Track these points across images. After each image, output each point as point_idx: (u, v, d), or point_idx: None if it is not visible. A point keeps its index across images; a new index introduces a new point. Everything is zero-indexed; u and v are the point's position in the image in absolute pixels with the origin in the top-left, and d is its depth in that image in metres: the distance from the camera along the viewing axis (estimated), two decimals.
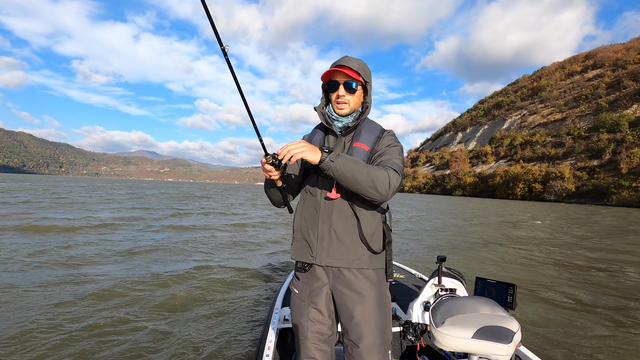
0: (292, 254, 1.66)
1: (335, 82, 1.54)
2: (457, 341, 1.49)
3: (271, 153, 1.40)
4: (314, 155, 1.30)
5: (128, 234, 9.64)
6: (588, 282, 6.62)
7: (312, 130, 1.76)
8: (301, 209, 1.64)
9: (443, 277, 2.46)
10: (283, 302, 2.83)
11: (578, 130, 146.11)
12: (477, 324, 1.51)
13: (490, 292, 2.17)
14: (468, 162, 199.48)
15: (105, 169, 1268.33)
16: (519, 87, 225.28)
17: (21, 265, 5.85)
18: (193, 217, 15.17)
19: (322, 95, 1.65)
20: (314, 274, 1.57)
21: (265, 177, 1.52)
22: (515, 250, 10.14)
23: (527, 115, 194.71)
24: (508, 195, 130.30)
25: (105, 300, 4.39)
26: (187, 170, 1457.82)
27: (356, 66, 1.51)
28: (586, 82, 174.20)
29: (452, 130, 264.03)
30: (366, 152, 1.52)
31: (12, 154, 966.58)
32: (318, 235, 1.53)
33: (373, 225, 1.53)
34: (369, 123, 1.62)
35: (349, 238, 1.50)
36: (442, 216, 22.72)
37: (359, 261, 1.50)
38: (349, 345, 1.52)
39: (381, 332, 1.50)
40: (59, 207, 16.39)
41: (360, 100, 1.59)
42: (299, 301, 1.61)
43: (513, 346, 1.43)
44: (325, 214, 1.52)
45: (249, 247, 8.46)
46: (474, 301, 1.73)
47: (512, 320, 1.55)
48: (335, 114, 1.59)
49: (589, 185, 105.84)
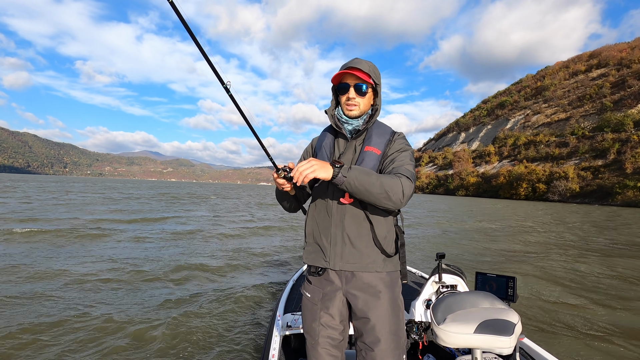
0: (304, 258, 1.64)
1: (346, 85, 1.53)
2: (459, 337, 1.49)
3: (282, 167, 1.40)
4: (325, 172, 1.29)
5: (119, 243, 9.73)
6: (588, 273, 6.66)
7: (321, 133, 1.75)
8: (313, 213, 1.62)
9: (443, 274, 2.46)
10: (285, 308, 2.81)
11: (582, 130, 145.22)
12: (478, 319, 1.52)
13: (490, 286, 2.18)
14: (471, 162, 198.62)
15: (109, 169, 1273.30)
16: (523, 86, 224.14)
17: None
18: (192, 220, 15.26)
19: (332, 98, 1.64)
20: (327, 278, 1.55)
21: (277, 186, 1.51)
22: (514, 243, 10.16)
23: (530, 115, 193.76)
24: (512, 195, 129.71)
25: (103, 316, 4.37)
26: (190, 171, 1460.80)
27: (367, 68, 1.50)
28: (590, 81, 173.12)
29: (455, 130, 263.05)
30: (378, 156, 1.51)
31: (16, 154, 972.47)
32: (331, 240, 1.52)
33: (386, 228, 1.52)
34: (379, 125, 1.61)
35: (363, 242, 1.49)
36: (443, 217, 22.70)
37: (373, 265, 1.49)
38: (362, 349, 1.50)
39: (395, 335, 1.49)
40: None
41: (370, 103, 1.59)
42: (311, 305, 1.59)
43: (515, 338, 1.44)
44: (338, 218, 1.51)
45: (248, 252, 8.40)
46: (474, 296, 1.74)
47: (511, 312, 1.57)
48: (345, 117, 1.58)
49: (594, 185, 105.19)
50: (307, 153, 1.76)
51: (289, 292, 3.20)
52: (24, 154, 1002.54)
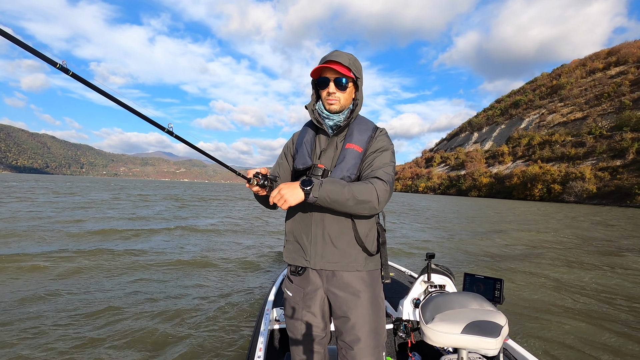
0: (285, 256, 1.63)
1: (326, 79, 1.49)
2: (446, 337, 1.50)
3: (254, 174, 1.39)
4: (296, 197, 1.28)
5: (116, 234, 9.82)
6: (575, 276, 6.47)
7: (302, 129, 1.70)
8: (293, 211, 1.59)
9: (432, 274, 2.48)
10: (274, 303, 2.82)
11: (600, 129, 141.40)
12: (465, 319, 1.53)
13: (478, 288, 2.20)
14: (484, 163, 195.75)
15: (124, 169, 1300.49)
16: (537, 85, 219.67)
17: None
18: (189, 218, 15.37)
19: (312, 92, 1.60)
20: (308, 277, 1.54)
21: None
22: (503, 245, 9.96)
23: (545, 114, 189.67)
24: (526, 196, 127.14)
25: (91, 302, 4.41)
26: (203, 171, 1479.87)
27: (347, 61, 1.45)
28: (608, 79, 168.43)
29: (468, 130, 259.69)
30: (359, 153, 1.49)
31: (36, 155, 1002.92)
32: (311, 239, 1.50)
33: (367, 226, 1.50)
34: (361, 121, 1.58)
35: (344, 241, 1.48)
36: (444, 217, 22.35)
37: (354, 263, 1.48)
38: (343, 347, 1.51)
39: (375, 334, 1.49)
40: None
41: (351, 97, 1.54)
42: (293, 304, 1.59)
43: (501, 340, 1.45)
44: (318, 217, 1.49)
45: (236, 247, 8.41)
46: (463, 297, 1.75)
47: (499, 314, 1.58)
48: (326, 112, 1.54)
49: (612, 186, 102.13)
50: (287, 149, 1.71)
51: (277, 287, 3.19)
52: (43, 154, 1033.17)
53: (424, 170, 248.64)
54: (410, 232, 12.94)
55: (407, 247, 9.42)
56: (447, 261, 7.73)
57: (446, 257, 8.24)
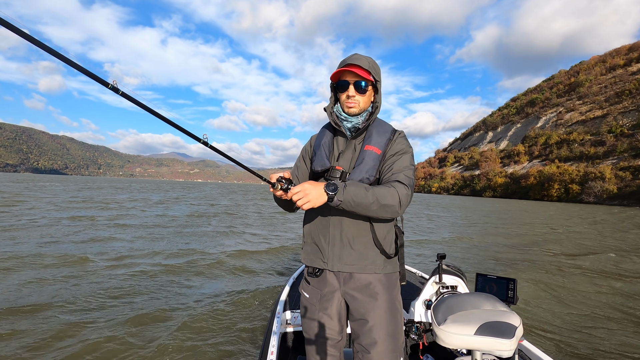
0: (302, 258, 1.63)
1: (345, 82, 1.49)
2: (459, 338, 1.49)
3: (277, 178, 1.39)
4: (320, 200, 1.28)
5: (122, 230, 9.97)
6: (589, 275, 6.28)
7: (320, 131, 1.69)
8: (311, 213, 1.59)
9: (444, 275, 2.45)
10: (285, 306, 2.82)
11: (621, 127, 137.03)
12: (478, 320, 1.52)
13: (491, 288, 2.16)
14: (499, 162, 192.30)
15: (140, 170, 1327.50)
16: (555, 83, 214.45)
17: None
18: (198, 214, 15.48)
19: (331, 95, 1.60)
20: (325, 279, 1.53)
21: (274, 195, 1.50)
22: (515, 246, 9.72)
23: (563, 113, 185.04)
24: (542, 196, 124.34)
25: (106, 308, 4.46)
26: (216, 172, 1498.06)
27: (366, 65, 1.46)
28: (630, 76, 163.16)
29: (482, 129, 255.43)
30: (378, 155, 1.48)
31: (55, 156, 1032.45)
32: (329, 241, 1.50)
33: (386, 228, 1.50)
34: (379, 124, 1.57)
35: (362, 243, 1.47)
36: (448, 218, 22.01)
37: (372, 266, 1.47)
38: (359, 351, 1.49)
39: (393, 338, 1.47)
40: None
41: (370, 100, 1.55)
42: (310, 305, 1.58)
43: (515, 341, 1.44)
44: (337, 219, 1.49)
45: (248, 250, 8.40)
46: (475, 297, 1.73)
47: (513, 315, 1.56)
48: (345, 114, 1.54)
49: (633, 186, 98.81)
50: (305, 152, 1.70)
51: (289, 289, 3.18)
52: (62, 156, 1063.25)
53: (437, 170, 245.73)
54: (420, 232, 12.79)
55: (417, 246, 9.31)
56: (459, 261, 7.60)
57: (458, 257, 8.10)
